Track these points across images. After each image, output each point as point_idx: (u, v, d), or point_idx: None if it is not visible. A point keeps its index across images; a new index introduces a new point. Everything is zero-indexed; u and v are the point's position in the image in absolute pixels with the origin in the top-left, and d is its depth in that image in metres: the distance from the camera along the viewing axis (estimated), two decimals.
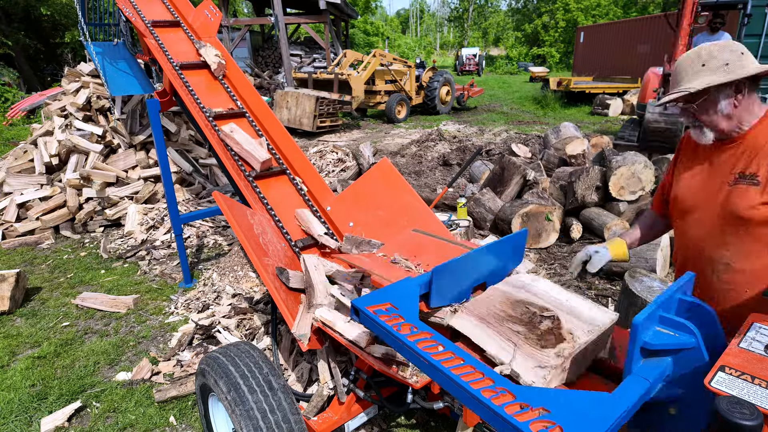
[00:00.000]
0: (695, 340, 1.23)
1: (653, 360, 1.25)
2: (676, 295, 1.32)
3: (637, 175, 4.42)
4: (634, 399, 1.12)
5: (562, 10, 38.45)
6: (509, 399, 1.09)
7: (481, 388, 1.12)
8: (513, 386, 1.14)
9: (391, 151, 9.03)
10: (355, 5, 33.93)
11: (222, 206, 2.46)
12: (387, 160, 2.93)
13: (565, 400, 1.10)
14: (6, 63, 17.10)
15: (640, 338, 1.22)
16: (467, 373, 1.18)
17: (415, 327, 1.38)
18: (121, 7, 4.29)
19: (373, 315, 1.44)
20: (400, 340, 1.34)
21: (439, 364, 1.21)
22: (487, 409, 1.08)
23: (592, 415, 1.05)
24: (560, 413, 1.05)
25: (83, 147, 5.60)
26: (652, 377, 1.19)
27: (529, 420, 1.02)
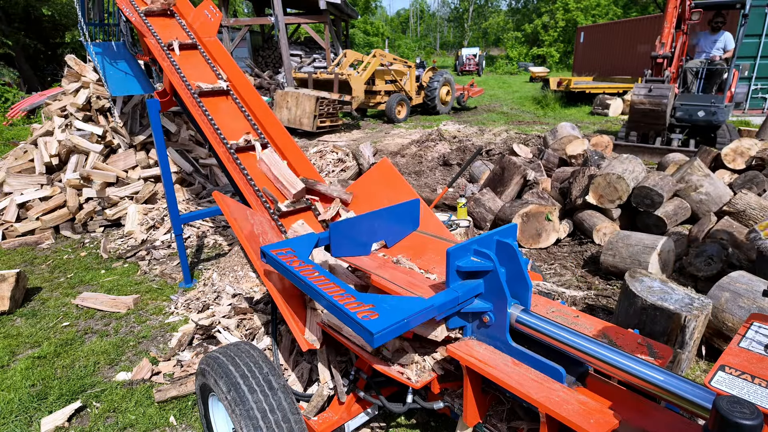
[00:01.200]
0: (492, 265, 1.66)
1: (468, 281, 1.73)
2: (495, 236, 1.73)
3: (613, 185, 4.43)
4: (441, 301, 1.61)
5: (562, 10, 38.46)
6: (351, 300, 1.61)
7: (334, 294, 1.64)
8: (357, 293, 1.65)
9: (391, 151, 9.02)
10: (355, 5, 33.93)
11: (222, 206, 2.46)
12: (387, 160, 2.93)
13: (390, 300, 1.63)
14: (6, 63, 17.10)
15: (454, 263, 1.70)
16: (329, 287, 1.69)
17: (304, 263, 1.89)
18: (121, 7, 4.29)
19: (274, 255, 1.95)
20: (288, 270, 1.85)
21: (310, 282, 1.73)
22: (334, 306, 1.59)
23: (404, 307, 1.56)
24: (381, 307, 1.57)
25: (83, 147, 5.60)
26: (461, 290, 1.67)
27: (358, 310, 1.54)
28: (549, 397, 1.40)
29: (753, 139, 5.56)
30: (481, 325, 1.75)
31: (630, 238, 3.86)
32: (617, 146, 7.69)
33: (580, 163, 5.67)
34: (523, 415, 1.74)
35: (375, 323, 1.46)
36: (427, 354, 1.89)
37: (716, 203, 4.43)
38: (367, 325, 1.45)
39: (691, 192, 4.56)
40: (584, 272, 4.12)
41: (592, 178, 4.57)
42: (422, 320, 1.57)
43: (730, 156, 5.48)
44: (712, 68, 7.77)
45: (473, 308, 1.72)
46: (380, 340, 1.43)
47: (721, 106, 7.48)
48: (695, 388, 1.25)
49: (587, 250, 4.49)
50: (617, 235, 3.96)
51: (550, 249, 4.64)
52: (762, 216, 4.00)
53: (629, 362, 1.39)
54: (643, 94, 7.17)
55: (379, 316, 1.50)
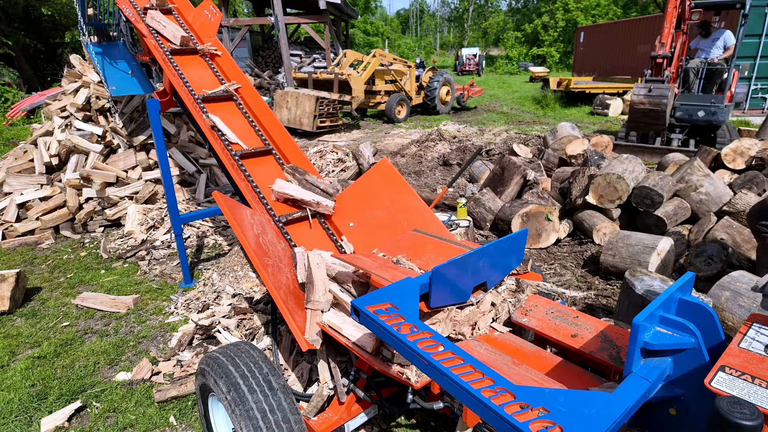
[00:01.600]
0: (695, 341, 1.22)
1: (653, 360, 1.25)
2: (677, 294, 1.32)
3: (613, 185, 4.42)
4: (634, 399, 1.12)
5: (562, 10, 38.45)
6: (509, 399, 1.10)
7: (481, 388, 1.13)
8: (513, 386, 1.14)
9: (391, 151, 9.02)
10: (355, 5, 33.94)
11: (222, 206, 2.46)
12: (387, 160, 2.93)
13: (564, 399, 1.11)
14: (6, 63, 17.09)
15: (640, 338, 1.22)
16: (467, 373, 1.19)
17: (416, 327, 1.39)
18: (121, 7, 4.29)
19: (373, 315, 1.44)
20: (400, 340, 1.35)
21: (438, 364, 1.22)
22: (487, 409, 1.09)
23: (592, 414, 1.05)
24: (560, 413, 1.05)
25: (83, 147, 5.60)
26: (653, 377, 1.19)
27: (529, 420, 1.02)
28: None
29: (753, 139, 5.56)
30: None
31: (630, 238, 3.86)
32: (617, 146, 7.69)
33: (580, 163, 5.67)
34: None
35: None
36: None
37: (716, 203, 4.42)
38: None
39: (691, 192, 4.56)
40: (584, 272, 4.12)
41: (592, 178, 4.57)
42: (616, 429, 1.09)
43: (730, 156, 5.48)
44: (711, 68, 7.78)
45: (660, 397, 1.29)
46: None
47: (721, 106, 7.47)
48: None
49: (587, 250, 4.49)
50: (617, 235, 3.96)
51: (550, 249, 4.64)
52: None
53: None
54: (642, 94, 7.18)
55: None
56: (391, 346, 1.42)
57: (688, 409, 1.26)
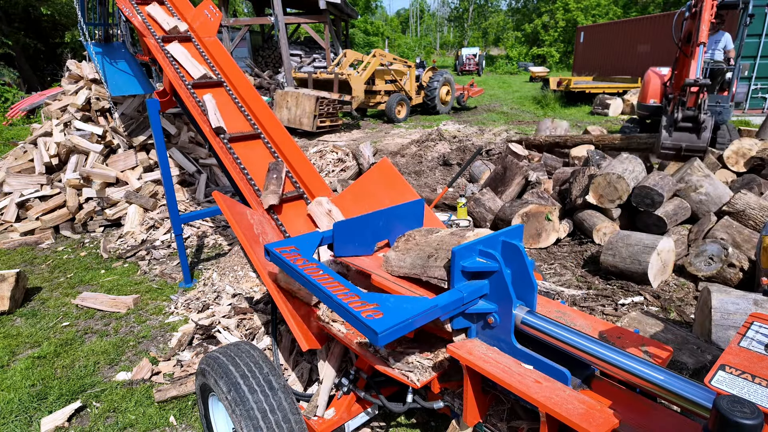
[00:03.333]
0: (498, 265, 1.65)
1: (473, 282, 1.72)
2: (501, 237, 1.73)
3: (613, 185, 4.42)
4: (445, 302, 1.59)
5: (562, 9, 38.44)
6: (355, 299, 1.60)
7: (338, 293, 1.64)
8: (361, 292, 1.64)
9: (391, 151, 9.02)
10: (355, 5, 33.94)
11: (222, 206, 2.46)
12: (387, 159, 2.93)
13: (394, 299, 1.61)
14: (6, 63, 17.09)
15: (458, 263, 1.69)
16: (334, 287, 1.69)
17: (308, 261, 1.91)
18: (121, 7, 4.29)
19: (278, 254, 1.96)
20: (292, 268, 1.86)
21: (314, 280, 1.73)
22: (339, 306, 1.58)
23: (408, 308, 1.54)
24: (386, 306, 1.55)
25: (83, 147, 5.60)
26: (466, 291, 1.65)
27: (362, 309, 1.53)
28: (549, 397, 1.40)
29: (753, 139, 5.56)
30: (486, 327, 1.74)
31: (630, 238, 3.86)
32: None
33: (582, 163, 5.67)
34: (524, 414, 1.74)
35: (379, 322, 1.45)
36: (427, 353, 1.88)
37: (716, 203, 4.42)
38: (372, 324, 1.44)
39: (691, 192, 4.56)
40: (584, 272, 4.12)
41: (593, 177, 4.57)
42: (427, 320, 1.55)
43: (732, 158, 5.47)
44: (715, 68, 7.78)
45: (478, 309, 1.71)
46: (384, 339, 1.43)
47: (726, 105, 7.43)
48: (695, 387, 1.25)
49: (587, 249, 4.49)
50: (617, 235, 3.96)
51: (550, 249, 4.64)
52: (762, 217, 4.00)
53: (630, 362, 1.39)
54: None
55: (383, 315, 1.49)
56: (289, 274, 1.92)
57: (500, 318, 1.69)
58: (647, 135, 6.62)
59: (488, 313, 1.71)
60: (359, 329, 1.51)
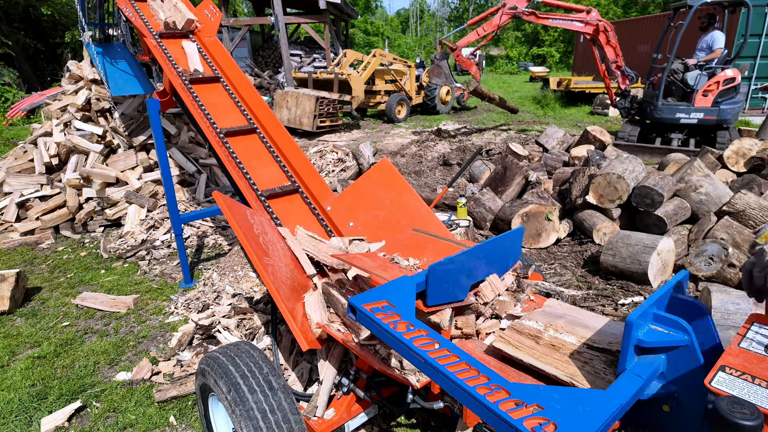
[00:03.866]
0: (688, 338, 1.23)
1: (647, 357, 1.26)
2: (671, 293, 1.33)
3: (613, 185, 4.42)
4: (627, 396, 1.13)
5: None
6: (504, 396, 1.10)
7: (476, 385, 1.13)
8: (507, 383, 1.14)
9: (391, 151, 9.02)
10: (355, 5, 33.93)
11: (222, 206, 2.46)
12: (387, 159, 2.93)
13: (558, 396, 1.12)
14: (6, 63, 17.09)
15: (633, 336, 1.23)
16: (463, 370, 1.19)
17: (412, 325, 1.38)
18: (121, 6, 4.29)
19: (369, 313, 1.43)
20: (396, 338, 1.34)
21: (435, 361, 1.22)
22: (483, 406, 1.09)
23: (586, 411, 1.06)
24: (554, 409, 1.06)
25: (83, 147, 5.60)
26: (646, 375, 1.20)
27: (524, 417, 1.03)
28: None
29: (753, 139, 5.56)
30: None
31: (630, 238, 3.86)
32: (617, 146, 7.68)
33: (582, 164, 5.67)
34: None
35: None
36: None
37: (716, 203, 4.42)
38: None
39: (691, 192, 4.56)
40: (584, 272, 4.12)
41: (593, 177, 4.57)
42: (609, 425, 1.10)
43: (732, 159, 5.47)
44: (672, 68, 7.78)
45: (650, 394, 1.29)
46: None
47: (657, 104, 7.63)
48: None
49: (587, 249, 4.49)
50: (617, 235, 3.96)
51: (550, 249, 4.64)
52: (762, 217, 4.00)
53: None
54: None
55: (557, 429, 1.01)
56: (388, 343, 1.41)
57: (681, 406, 1.27)
58: None
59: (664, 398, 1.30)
60: None
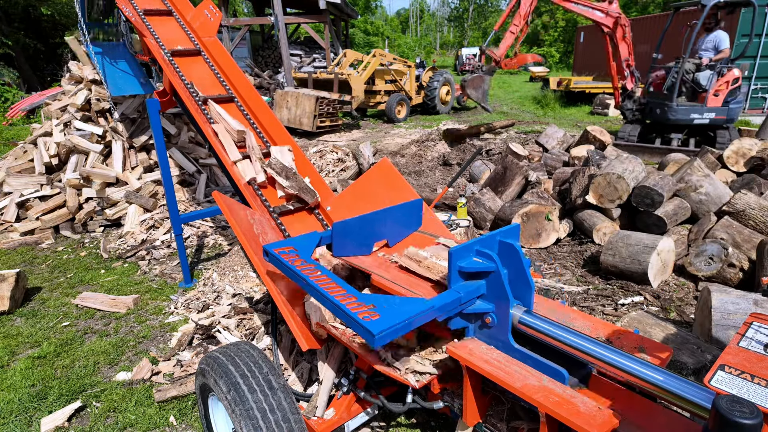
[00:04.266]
0: (494, 266, 1.65)
1: (470, 282, 1.71)
2: (498, 237, 1.73)
3: (613, 185, 4.42)
4: (441, 303, 1.58)
5: (562, 9, 38.44)
6: (352, 300, 1.60)
7: (336, 294, 1.64)
8: (358, 294, 1.63)
9: (391, 151, 9.02)
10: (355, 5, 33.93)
11: (222, 206, 2.46)
12: (387, 159, 2.93)
13: (391, 300, 1.62)
14: (6, 63, 17.09)
15: (455, 263, 1.68)
16: (330, 286, 1.69)
17: (306, 262, 1.90)
18: (121, 6, 4.29)
19: (277, 254, 1.96)
20: (290, 268, 1.86)
21: (309, 279, 1.75)
22: (336, 307, 1.58)
23: (405, 309, 1.54)
24: (383, 307, 1.55)
25: (83, 147, 5.60)
26: (463, 291, 1.65)
27: (360, 310, 1.52)
28: (548, 397, 1.41)
29: (753, 139, 5.56)
30: (483, 327, 1.74)
31: (630, 238, 3.86)
32: (617, 146, 7.68)
33: (582, 163, 5.67)
34: (524, 415, 1.74)
35: (376, 324, 1.45)
36: (427, 353, 1.88)
37: (716, 203, 4.43)
38: (368, 326, 1.44)
39: (691, 192, 4.56)
40: (584, 272, 4.12)
41: (593, 177, 4.57)
42: (424, 320, 1.55)
43: (732, 159, 5.47)
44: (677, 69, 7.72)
45: (475, 309, 1.70)
46: (381, 341, 1.42)
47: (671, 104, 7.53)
48: (694, 388, 1.25)
49: (587, 249, 4.49)
50: (617, 235, 3.96)
51: (550, 249, 4.64)
52: (762, 217, 4.00)
53: (629, 362, 1.39)
54: None
55: (380, 317, 1.49)
56: (287, 275, 1.92)
57: (497, 318, 1.69)
58: None
59: (485, 313, 1.71)
60: (356, 330, 1.50)
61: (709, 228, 4.07)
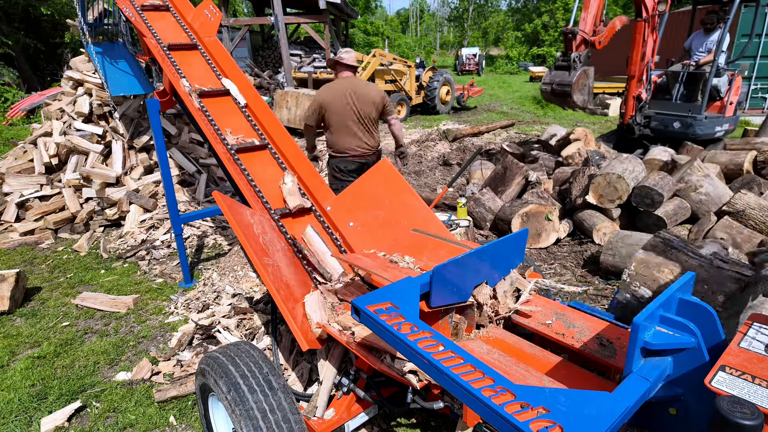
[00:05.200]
0: (695, 340, 1.22)
1: (654, 359, 1.25)
2: (677, 294, 1.32)
3: (613, 185, 4.42)
4: (634, 399, 1.12)
5: (562, 9, 38.46)
6: (509, 398, 1.10)
7: (481, 387, 1.13)
8: (513, 385, 1.14)
9: (392, 151, 9.02)
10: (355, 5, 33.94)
11: (222, 206, 2.46)
12: (387, 159, 2.93)
13: (564, 399, 1.10)
14: (6, 63, 17.09)
15: (640, 338, 1.22)
16: (467, 372, 1.19)
17: (416, 326, 1.38)
18: (121, 7, 4.29)
19: (373, 314, 1.44)
20: (400, 339, 1.35)
21: (439, 363, 1.22)
22: (487, 408, 1.09)
23: (592, 414, 1.05)
24: (560, 412, 1.05)
25: (83, 147, 5.60)
26: (653, 377, 1.19)
27: (530, 419, 1.02)
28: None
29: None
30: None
31: (630, 238, 3.86)
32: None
33: (578, 163, 5.66)
34: None
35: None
36: None
37: (716, 203, 4.42)
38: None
39: (691, 192, 4.56)
40: (584, 272, 4.12)
41: (593, 177, 4.57)
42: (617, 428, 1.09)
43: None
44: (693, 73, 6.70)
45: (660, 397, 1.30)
46: None
47: (699, 117, 6.40)
48: None
49: (587, 249, 4.49)
50: (617, 235, 3.96)
51: (550, 249, 4.64)
52: (763, 217, 4.00)
53: None
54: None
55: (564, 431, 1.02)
56: (392, 345, 1.42)
57: (688, 408, 1.26)
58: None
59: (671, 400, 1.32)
60: None
61: (710, 228, 4.07)
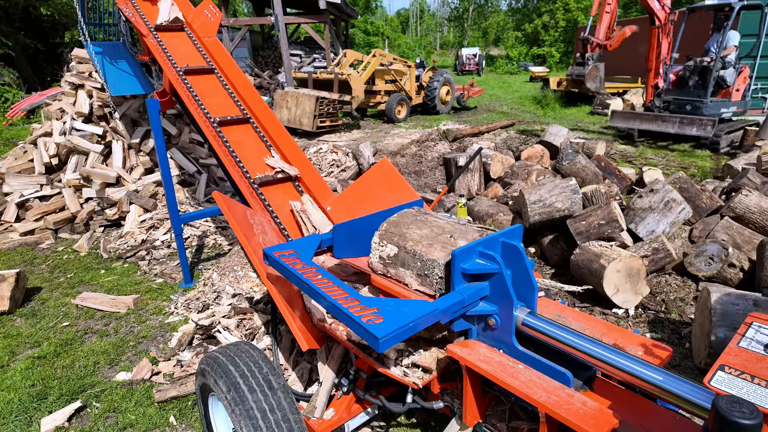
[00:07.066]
0: (498, 267, 1.64)
1: (473, 283, 1.70)
2: (500, 238, 1.73)
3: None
4: (445, 305, 1.57)
5: (562, 9, 38.43)
6: (355, 303, 1.58)
7: (337, 297, 1.62)
8: (361, 297, 1.62)
9: (391, 151, 9.02)
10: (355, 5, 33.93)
11: (222, 206, 2.46)
12: (387, 159, 2.93)
13: (394, 303, 1.60)
14: (6, 63, 17.09)
15: (459, 265, 1.66)
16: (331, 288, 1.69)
17: (306, 265, 1.89)
18: (121, 6, 4.29)
19: (277, 258, 1.96)
20: (291, 272, 1.85)
21: (314, 284, 1.72)
22: (338, 310, 1.57)
23: (407, 311, 1.53)
24: (386, 310, 1.54)
25: (83, 147, 5.60)
26: (466, 293, 1.63)
27: (363, 314, 1.52)
28: (549, 397, 1.41)
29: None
30: (487, 328, 1.73)
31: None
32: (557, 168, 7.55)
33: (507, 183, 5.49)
34: (523, 415, 1.74)
35: (380, 327, 1.43)
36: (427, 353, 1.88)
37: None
38: (372, 330, 1.42)
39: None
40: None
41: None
42: (428, 323, 1.53)
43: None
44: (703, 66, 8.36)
45: (478, 311, 1.69)
46: (386, 345, 1.41)
47: (705, 101, 8.19)
48: (694, 388, 1.25)
49: None
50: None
51: None
52: (763, 221, 4.00)
53: (629, 362, 1.39)
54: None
55: (383, 320, 1.47)
56: (286, 277, 1.94)
57: (501, 320, 1.68)
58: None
59: (489, 315, 1.70)
60: (360, 334, 1.48)
61: (711, 228, 4.07)
